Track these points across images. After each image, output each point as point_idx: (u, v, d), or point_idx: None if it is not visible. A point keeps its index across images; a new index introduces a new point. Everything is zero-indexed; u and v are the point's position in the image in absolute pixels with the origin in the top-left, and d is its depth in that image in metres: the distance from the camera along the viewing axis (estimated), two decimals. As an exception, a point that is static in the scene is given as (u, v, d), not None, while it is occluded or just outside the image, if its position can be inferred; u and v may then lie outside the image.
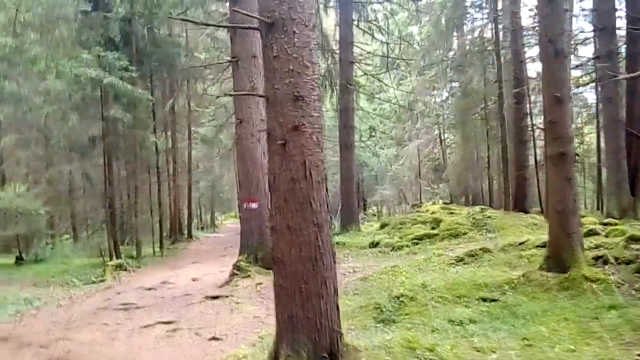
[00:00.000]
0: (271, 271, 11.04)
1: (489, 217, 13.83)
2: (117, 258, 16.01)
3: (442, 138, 26.24)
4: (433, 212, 16.48)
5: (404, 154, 26.06)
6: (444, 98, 25.27)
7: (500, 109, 19.86)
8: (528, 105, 20.08)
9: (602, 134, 18.31)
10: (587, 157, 24.28)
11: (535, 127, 19.56)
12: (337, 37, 19.46)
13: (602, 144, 17.91)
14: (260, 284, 9.86)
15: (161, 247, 21.27)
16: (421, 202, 22.88)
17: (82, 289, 12.29)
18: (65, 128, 17.57)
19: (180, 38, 22.54)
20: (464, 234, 13.10)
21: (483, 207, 17.25)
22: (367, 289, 8.49)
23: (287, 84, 4.20)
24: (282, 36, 4.19)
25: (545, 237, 8.47)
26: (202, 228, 37.92)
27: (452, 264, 9.29)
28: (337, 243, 15.59)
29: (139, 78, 17.13)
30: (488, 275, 8.04)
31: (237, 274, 10.37)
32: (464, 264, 9.21)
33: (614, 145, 14.36)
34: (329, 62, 21.58)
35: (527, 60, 20.66)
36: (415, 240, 13.51)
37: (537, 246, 9.28)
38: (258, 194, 10.55)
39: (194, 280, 11.88)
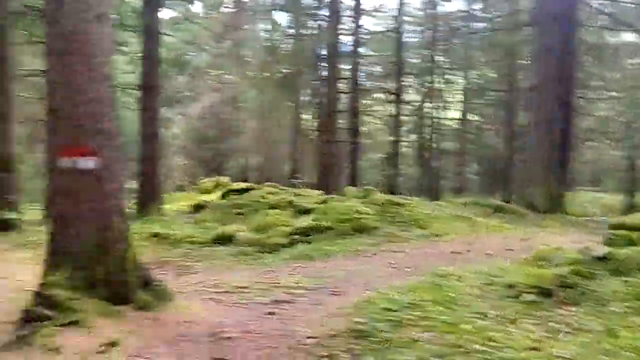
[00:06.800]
0: (130, 308, 4.89)
1: (398, 204, 10.04)
2: None
3: (235, 102, 21.01)
4: (271, 194, 11.81)
5: (174, 118, 19.99)
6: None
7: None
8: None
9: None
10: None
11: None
12: None
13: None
14: (115, 344, 3.81)
15: None
16: (198, 180, 17.45)
17: None
18: None
19: None
20: (374, 228, 8.99)
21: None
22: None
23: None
24: None
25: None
26: None
27: (531, 302, 4.54)
28: (153, 235, 9.41)
29: None
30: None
31: (45, 316, 3.92)
32: (560, 302, 4.45)
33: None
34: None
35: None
36: (296, 236, 8.81)
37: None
38: (99, 135, 4.19)
39: None
